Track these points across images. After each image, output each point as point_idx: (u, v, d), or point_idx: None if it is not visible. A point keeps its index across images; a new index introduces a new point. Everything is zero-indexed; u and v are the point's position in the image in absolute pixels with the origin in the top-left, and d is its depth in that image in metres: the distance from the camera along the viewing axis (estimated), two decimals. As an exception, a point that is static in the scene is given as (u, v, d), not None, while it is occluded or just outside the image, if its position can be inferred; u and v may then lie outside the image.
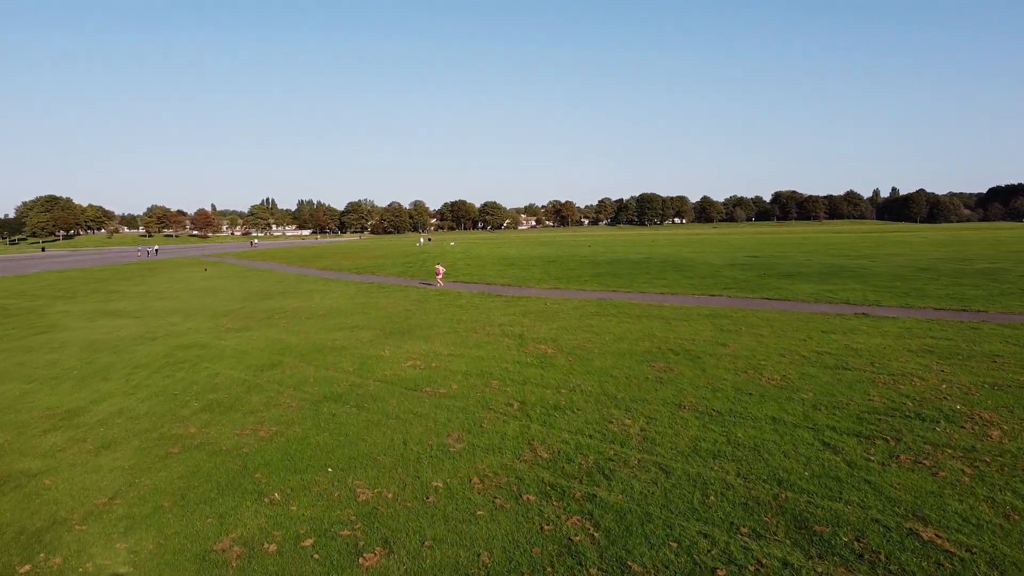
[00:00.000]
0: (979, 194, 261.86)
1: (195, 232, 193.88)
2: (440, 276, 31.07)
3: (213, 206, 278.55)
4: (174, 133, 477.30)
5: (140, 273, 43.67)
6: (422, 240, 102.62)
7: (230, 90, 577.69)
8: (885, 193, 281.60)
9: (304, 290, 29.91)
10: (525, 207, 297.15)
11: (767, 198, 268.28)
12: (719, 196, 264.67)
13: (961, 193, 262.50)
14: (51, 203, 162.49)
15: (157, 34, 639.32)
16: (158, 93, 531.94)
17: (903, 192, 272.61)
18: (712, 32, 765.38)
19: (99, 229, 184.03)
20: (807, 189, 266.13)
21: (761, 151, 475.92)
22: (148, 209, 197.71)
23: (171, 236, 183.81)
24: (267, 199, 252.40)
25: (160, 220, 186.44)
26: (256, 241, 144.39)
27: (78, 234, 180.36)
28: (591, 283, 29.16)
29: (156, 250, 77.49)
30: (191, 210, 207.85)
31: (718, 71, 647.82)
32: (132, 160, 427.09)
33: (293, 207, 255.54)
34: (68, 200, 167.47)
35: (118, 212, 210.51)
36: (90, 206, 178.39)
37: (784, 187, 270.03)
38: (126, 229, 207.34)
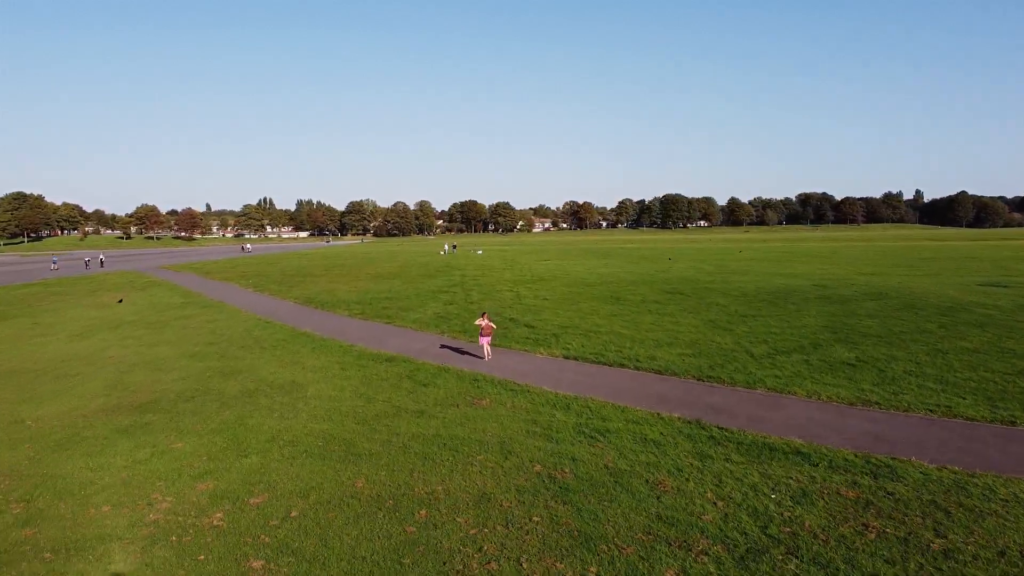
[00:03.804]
0: (1001, 197, 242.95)
1: (182, 234, 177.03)
2: (488, 341, 14.96)
3: (208, 206, 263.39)
4: (171, 131, 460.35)
5: None
6: (446, 247, 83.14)
7: (229, 88, 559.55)
8: (908, 195, 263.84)
9: (242, 388, 13.11)
10: (535, 208, 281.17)
11: (790, 200, 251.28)
12: (740, 198, 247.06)
13: (983, 196, 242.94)
14: (19, 201, 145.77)
15: (155, 31, 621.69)
16: (156, 91, 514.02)
17: (927, 195, 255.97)
18: (723, 31, 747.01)
19: (73, 230, 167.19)
20: (824, 190, 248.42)
21: (777, 152, 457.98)
22: (136, 209, 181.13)
23: (151, 239, 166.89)
24: (265, 199, 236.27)
25: (141, 220, 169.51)
26: (249, 246, 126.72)
27: (55, 234, 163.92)
28: (913, 386, 12.40)
29: (101, 259, 60.77)
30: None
31: (733, 70, 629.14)
32: (130, 159, 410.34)
33: (292, 207, 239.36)
34: (39, 198, 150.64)
35: (111, 212, 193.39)
36: (64, 204, 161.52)
37: (804, 189, 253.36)
38: (109, 231, 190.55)
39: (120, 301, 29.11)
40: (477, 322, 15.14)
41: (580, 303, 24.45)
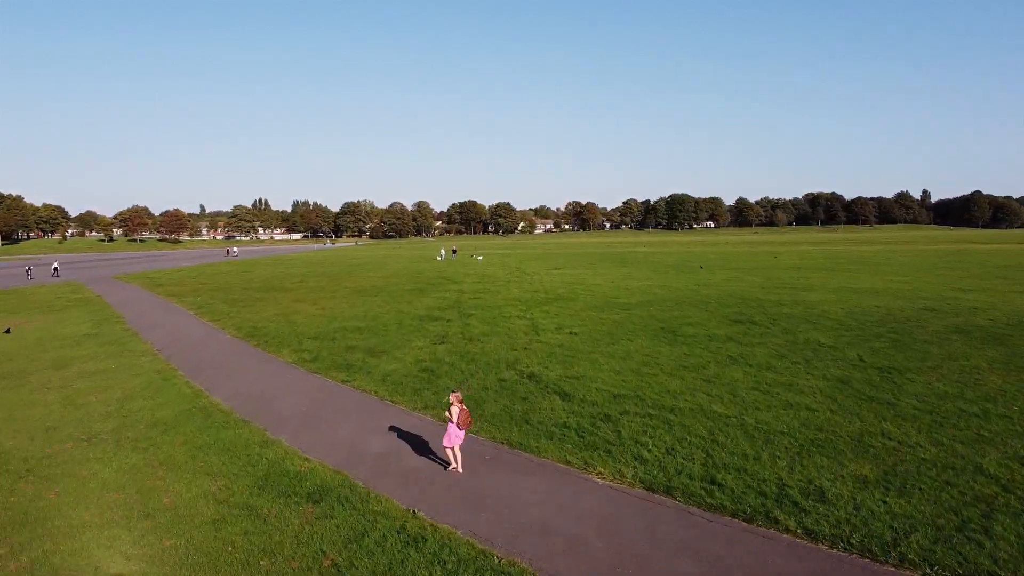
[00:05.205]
0: (1008, 197, 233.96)
1: (170, 236, 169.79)
2: (461, 439, 8.29)
3: (202, 207, 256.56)
4: (166, 132, 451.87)
5: None
6: (443, 252, 74.65)
7: (226, 88, 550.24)
8: (915, 195, 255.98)
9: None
10: (536, 209, 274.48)
11: (798, 200, 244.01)
12: (746, 198, 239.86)
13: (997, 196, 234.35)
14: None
15: (152, 31, 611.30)
16: (152, 91, 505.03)
17: (934, 195, 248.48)
18: (723, 31, 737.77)
19: (54, 232, 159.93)
20: (830, 190, 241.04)
21: (780, 152, 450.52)
22: (127, 209, 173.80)
23: (135, 241, 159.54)
24: (260, 199, 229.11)
25: (124, 222, 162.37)
26: (235, 249, 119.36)
27: (39, 236, 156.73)
28: None
29: (55, 267, 53.59)
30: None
31: (735, 70, 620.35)
32: (127, 160, 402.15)
33: (288, 208, 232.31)
34: (17, 198, 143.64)
35: (103, 213, 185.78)
36: (44, 205, 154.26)
37: (809, 189, 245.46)
38: (94, 233, 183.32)
39: (7, 331, 22.15)
40: (449, 411, 8.17)
41: (622, 341, 17.48)
